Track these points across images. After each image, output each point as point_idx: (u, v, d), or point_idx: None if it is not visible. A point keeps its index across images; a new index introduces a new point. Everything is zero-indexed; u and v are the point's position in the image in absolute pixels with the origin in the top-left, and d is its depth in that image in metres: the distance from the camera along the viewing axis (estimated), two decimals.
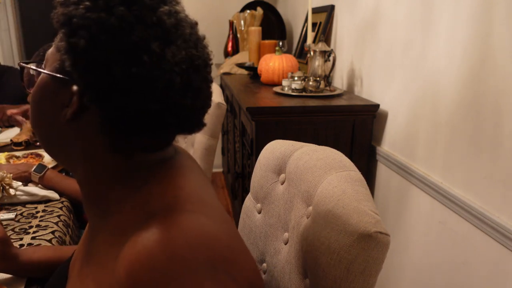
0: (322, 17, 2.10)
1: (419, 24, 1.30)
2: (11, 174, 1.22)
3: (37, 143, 1.68)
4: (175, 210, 0.47)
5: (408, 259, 1.41)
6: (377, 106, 1.55)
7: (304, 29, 2.33)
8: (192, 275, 0.42)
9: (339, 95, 1.69)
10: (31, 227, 1.07)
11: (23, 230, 1.06)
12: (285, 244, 0.76)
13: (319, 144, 0.79)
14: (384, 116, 1.54)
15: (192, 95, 0.51)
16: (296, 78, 1.73)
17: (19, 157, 1.50)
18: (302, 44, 2.27)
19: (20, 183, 1.25)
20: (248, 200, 0.90)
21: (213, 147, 1.48)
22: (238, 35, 2.86)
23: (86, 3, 0.46)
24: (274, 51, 2.08)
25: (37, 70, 0.56)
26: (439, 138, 1.22)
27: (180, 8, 0.52)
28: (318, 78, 1.69)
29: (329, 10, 2.03)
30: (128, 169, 0.54)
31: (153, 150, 0.56)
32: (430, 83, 1.25)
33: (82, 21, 0.46)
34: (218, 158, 3.37)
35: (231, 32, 2.90)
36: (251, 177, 0.90)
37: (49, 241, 1.01)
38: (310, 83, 1.69)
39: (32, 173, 1.27)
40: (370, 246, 0.56)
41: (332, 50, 1.70)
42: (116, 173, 0.54)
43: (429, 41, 1.25)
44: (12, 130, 1.90)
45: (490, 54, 1.01)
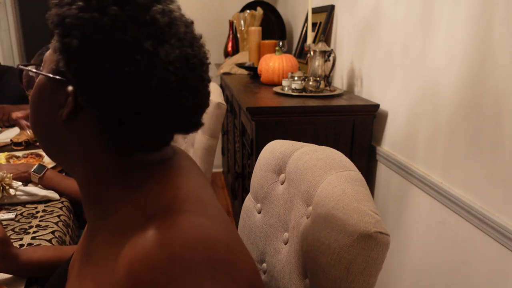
0: (322, 17, 2.10)
1: (419, 24, 1.30)
2: (11, 174, 1.22)
3: (37, 143, 1.68)
4: (174, 211, 0.47)
5: (408, 259, 1.41)
6: (377, 106, 1.55)
7: (304, 29, 2.33)
8: (192, 275, 0.42)
9: (339, 95, 1.69)
10: (31, 227, 1.07)
11: (23, 230, 1.06)
12: (285, 244, 0.76)
13: (319, 144, 0.79)
14: (384, 116, 1.54)
15: (188, 94, 0.51)
16: (296, 78, 1.73)
17: (19, 157, 1.50)
18: (302, 44, 2.27)
19: (20, 183, 1.25)
20: (248, 200, 0.90)
21: (213, 147, 1.48)
22: (238, 35, 2.86)
23: (79, 3, 0.47)
24: (274, 51, 2.08)
25: (35, 72, 0.56)
26: (439, 138, 1.21)
27: (175, 7, 0.52)
28: (318, 78, 1.69)
29: (329, 10, 2.03)
30: (127, 170, 0.54)
31: (151, 150, 0.56)
32: (430, 83, 1.25)
33: (75, 21, 0.46)
34: (218, 158, 3.37)
35: (231, 32, 2.90)
36: (251, 177, 0.90)
37: (49, 241, 1.01)
38: (310, 83, 1.69)
39: (32, 174, 1.27)
40: (370, 246, 0.56)
41: (332, 50, 1.70)
42: (115, 174, 0.54)
43: (429, 41, 1.25)
44: (12, 130, 1.90)
45: (490, 54, 1.01)
